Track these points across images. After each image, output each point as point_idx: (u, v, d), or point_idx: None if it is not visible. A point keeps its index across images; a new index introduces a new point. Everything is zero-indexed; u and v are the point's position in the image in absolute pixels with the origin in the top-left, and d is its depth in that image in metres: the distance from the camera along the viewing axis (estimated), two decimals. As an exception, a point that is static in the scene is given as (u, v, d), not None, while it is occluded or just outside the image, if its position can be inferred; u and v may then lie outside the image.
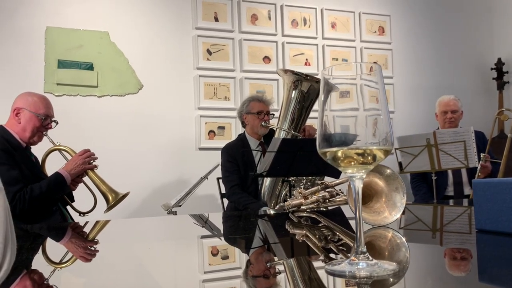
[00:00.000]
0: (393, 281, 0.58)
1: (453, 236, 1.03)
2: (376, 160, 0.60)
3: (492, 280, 0.61)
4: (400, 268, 0.63)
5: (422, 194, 3.77)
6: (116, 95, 3.71)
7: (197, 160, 3.78)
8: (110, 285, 0.65)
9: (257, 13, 4.18)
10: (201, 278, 0.68)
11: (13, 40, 3.48)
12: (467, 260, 0.76)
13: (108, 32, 3.72)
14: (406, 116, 4.59)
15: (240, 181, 3.14)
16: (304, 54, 4.30)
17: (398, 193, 1.01)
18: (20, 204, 2.28)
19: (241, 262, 0.81)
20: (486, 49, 4.99)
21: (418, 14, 4.78)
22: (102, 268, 0.80)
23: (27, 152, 2.55)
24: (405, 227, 1.17)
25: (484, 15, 5.03)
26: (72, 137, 3.08)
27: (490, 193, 0.86)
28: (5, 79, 3.42)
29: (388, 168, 1.02)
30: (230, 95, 4.01)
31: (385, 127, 0.61)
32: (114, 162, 3.47)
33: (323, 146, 0.61)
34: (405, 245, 0.91)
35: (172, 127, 3.83)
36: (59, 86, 3.56)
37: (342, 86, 0.63)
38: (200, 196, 3.73)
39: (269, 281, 0.63)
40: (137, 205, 3.62)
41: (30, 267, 0.79)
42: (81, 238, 1.25)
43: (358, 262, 0.60)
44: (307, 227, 1.17)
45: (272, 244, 1.01)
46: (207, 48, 3.98)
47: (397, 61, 4.64)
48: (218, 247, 0.99)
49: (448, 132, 3.35)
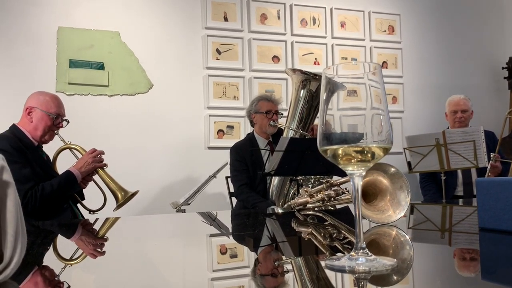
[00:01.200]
0: (395, 278, 0.59)
1: (457, 235, 1.04)
2: (375, 158, 0.62)
3: (494, 278, 0.62)
4: (399, 264, 0.64)
5: (432, 194, 3.76)
6: (126, 94, 3.75)
7: (206, 159, 3.80)
8: (118, 283, 0.65)
9: (266, 13, 4.20)
10: (209, 276, 0.68)
11: (25, 40, 3.54)
12: (470, 259, 0.76)
13: (118, 32, 3.75)
14: (416, 115, 4.57)
15: (248, 180, 3.15)
16: (313, 53, 4.30)
17: (402, 191, 1.02)
18: (31, 202, 2.32)
19: (249, 261, 0.83)
20: (497, 47, 4.95)
21: (428, 13, 4.76)
22: (111, 265, 0.80)
23: (39, 151, 2.59)
24: (412, 226, 1.18)
25: (495, 13, 4.99)
26: (83, 136, 3.12)
27: (493, 192, 0.86)
28: (18, 79, 3.47)
29: (392, 166, 1.03)
30: (239, 95, 4.03)
31: (385, 126, 0.63)
32: (124, 160, 3.51)
33: (323, 144, 0.62)
34: (408, 242, 0.92)
35: (181, 126, 3.86)
36: (71, 86, 3.61)
37: (348, 86, 0.64)
38: (209, 195, 3.76)
39: (276, 280, 0.64)
40: (147, 203, 3.65)
41: (41, 263, 0.81)
42: (91, 235, 1.27)
43: (357, 257, 0.62)
44: (312, 225, 1.18)
45: (280, 242, 1.02)
46: (216, 47, 4.00)
47: (407, 60, 4.62)
48: (226, 245, 1.01)
49: (458, 132, 3.33)
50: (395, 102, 4.53)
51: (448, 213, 1.60)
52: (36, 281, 0.66)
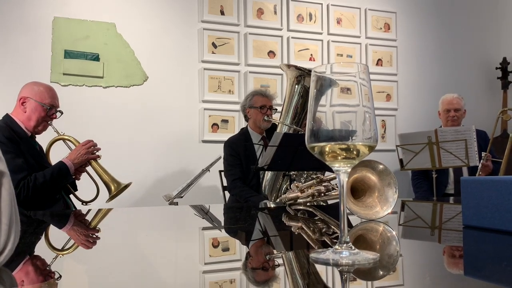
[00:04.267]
0: (380, 273, 0.61)
1: (444, 232, 1.06)
2: (359, 155, 0.63)
3: (477, 274, 0.64)
4: (383, 258, 0.66)
5: (423, 191, 3.79)
6: (121, 86, 3.75)
7: (200, 152, 3.82)
8: (109, 275, 0.66)
9: (263, 7, 4.20)
10: (201, 269, 0.69)
11: (21, 30, 3.52)
12: (454, 255, 0.78)
13: (114, 23, 3.75)
14: (410, 113, 4.60)
15: (241, 174, 3.17)
16: (309, 49, 4.31)
17: (390, 188, 1.04)
18: (24, 192, 2.33)
19: (240, 254, 0.84)
20: (492, 48, 4.98)
21: (424, 11, 4.78)
22: (102, 257, 0.80)
23: (32, 141, 2.59)
24: (403, 223, 1.20)
25: (491, 13, 5.02)
26: (77, 127, 3.13)
27: (477, 191, 0.89)
28: (12, 68, 3.46)
29: (381, 163, 1.05)
30: (234, 89, 4.04)
31: (373, 124, 0.64)
32: (117, 152, 3.52)
33: (311, 141, 0.64)
34: (394, 238, 0.94)
35: (176, 119, 3.86)
36: (65, 76, 3.60)
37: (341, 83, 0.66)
38: (203, 188, 3.77)
39: (266, 273, 0.65)
40: (139, 196, 3.66)
41: (32, 252, 0.82)
42: (83, 225, 1.28)
43: (341, 251, 0.64)
44: (303, 220, 1.20)
45: (272, 237, 1.04)
46: (212, 41, 4.00)
47: (402, 58, 4.65)
48: (219, 238, 1.02)
49: (450, 131, 3.36)
50: (389, 99, 4.56)
51: (439, 210, 1.63)
52: (27, 269, 0.67)
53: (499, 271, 0.62)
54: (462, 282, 0.60)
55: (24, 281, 0.58)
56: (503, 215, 0.84)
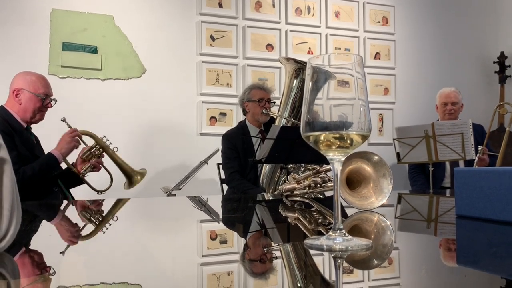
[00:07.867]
0: (372, 260, 0.63)
1: (438, 224, 1.08)
2: (353, 144, 0.65)
3: (469, 262, 0.65)
4: (376, 245, 0.68)
5: (420, 184, 3.82)
6: (119, 78, 3.75)
7: (197, 145, 3.83)
8: (107, 266, 0.65)
9: (261, 0, 4.19)
10: (199, 261, 0.68)
11: (19, 22, 3.52)
12: (447, 244, 0.80)
13: (112, 16, 3.74)
14: (407, 107, 4.61)
15: (239, 167, 3.19)
16: (307, 42, 4.32)
17: (385, 179, 1.06)
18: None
19: (237, 245, 0.85)
20: (490, 42, 4.99)
21: (422, 5, 4.78)
22: (100, 248, 0.80)
23: (28, 133, 2.59)
24: (399, 216, 1.22)
25: (489, 7, 5.02)
26: (75, 119, 3.13)
27: (470, 181, 0.90)
28: (10, 60, 3.46)
29: (376, 155, 1.06)
30: (232, 82, 4.04)
31: (367, 115, 0.66)
32: (115, 144, 3.51)
33: (306, 131, 0.65)
34: (389, 228, 0.96)
35: (174, 112, 3.87)
36: (64, 69, 3.60)
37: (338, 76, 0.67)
38: (201, 180, 3.79)
39: (264, 265, 0.65)
40: (137, 187, 3.65)
41: (29, 241, 0.83)
42: (81, 216, 1.30)
43: (335, 237, 0.65)
44: (299, 211, 1.22)
45: (269, 229, 1.05)
46: (210, 34, 4.00)
47: (400, 52, 4.66)
48: (217, 231, 1.03)
49: (447, 124, 3.38)
50: (386, 93, 4.57)
51: (435, 202, 1.65)
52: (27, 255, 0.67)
53: (490, 259, 0.64)
54: (455, 272, 0.61)
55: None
56: (494, 205, 0.86)
